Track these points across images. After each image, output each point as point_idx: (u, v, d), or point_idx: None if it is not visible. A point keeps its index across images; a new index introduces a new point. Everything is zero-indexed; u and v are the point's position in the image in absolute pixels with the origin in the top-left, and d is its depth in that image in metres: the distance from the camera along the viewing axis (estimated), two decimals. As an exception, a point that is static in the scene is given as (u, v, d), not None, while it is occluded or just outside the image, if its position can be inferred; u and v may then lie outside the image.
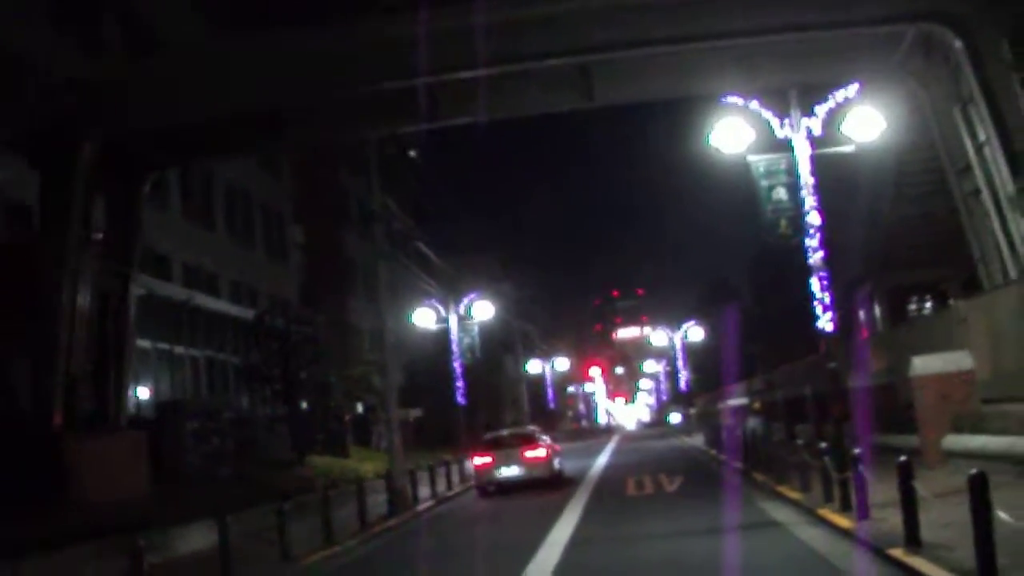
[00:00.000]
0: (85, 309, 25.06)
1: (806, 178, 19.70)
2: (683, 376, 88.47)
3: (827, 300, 20.16)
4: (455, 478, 40.23)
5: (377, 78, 23.88)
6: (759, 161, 20.17)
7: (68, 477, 23.10)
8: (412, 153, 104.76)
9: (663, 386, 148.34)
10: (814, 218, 19.71)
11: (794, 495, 22.38)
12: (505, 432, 42.46)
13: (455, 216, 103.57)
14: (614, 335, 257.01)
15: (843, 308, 30.55)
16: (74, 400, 24.68)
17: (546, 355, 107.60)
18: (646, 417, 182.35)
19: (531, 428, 45.06)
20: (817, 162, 19.86)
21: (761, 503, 23.01)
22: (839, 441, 19.41)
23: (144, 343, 36.01)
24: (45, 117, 23.83)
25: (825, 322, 20.49)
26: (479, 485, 36.53)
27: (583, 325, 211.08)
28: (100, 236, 26.60)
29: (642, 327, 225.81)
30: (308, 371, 39.54)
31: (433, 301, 51.33)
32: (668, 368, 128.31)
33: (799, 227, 19.87)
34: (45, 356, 24.00)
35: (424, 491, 34.43)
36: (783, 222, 19.99)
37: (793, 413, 43.35)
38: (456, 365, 48.03)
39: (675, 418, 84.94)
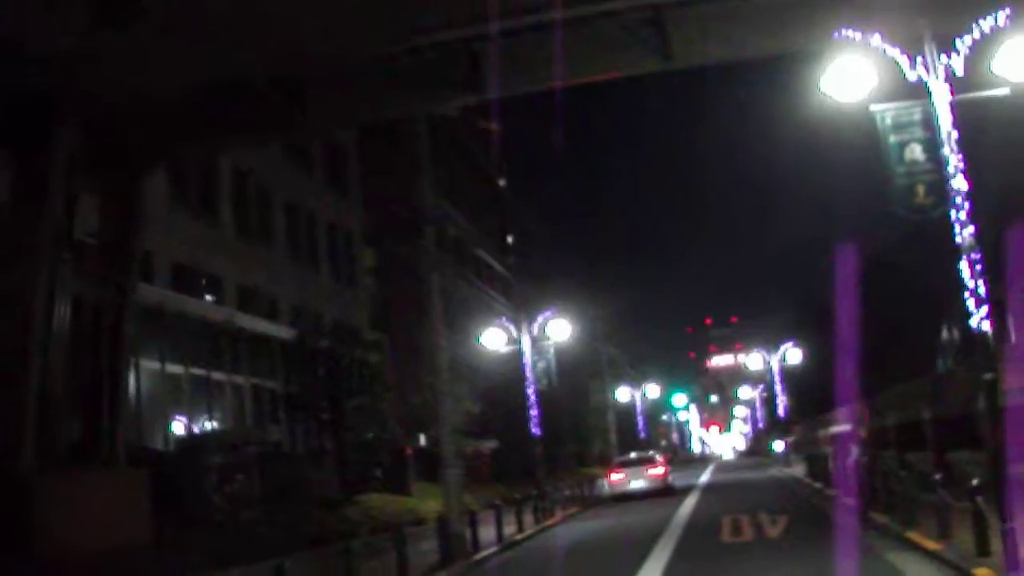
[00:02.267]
0: (65, 322, 21.04)
1: (947, 131, 15.13)
2: (781, 402, 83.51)
3: (982, 291, 15.27)
4: (528, 518, 35.93)
5: (417, 30, 19.47)
6: (886, 111, 15.51)
7: (36, 528, 18.97)
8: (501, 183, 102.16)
9: (759, 413, 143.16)
10: (960, 182, 15.06)
11: (930, 544, 17.80)
12: (633, 455, 59.02)
13: (535, 236, 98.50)
14: (708, 363, 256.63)
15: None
16: (53, 433, 20.62)
17: (635, 381, 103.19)
18: (741, 446, 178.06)
19: (652, 452, 63.23)
20: (959, 112, 15.28)
21: (887, 555, 18.39)
22: (999, 477, 14.60)
23: (175, 368, 32.31)
24: (11, 97, 19.87)
25: (979, 320, 15.44)
26: (614, 496, 51.37)
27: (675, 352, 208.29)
28: (90, 241, 22.83)
29: (735, 355, 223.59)
30: (360, 399, 35.19)
31: (504, 320, 47.14)
32: (764, 394, 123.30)
33: (942, 194, 15.21)
34: (11, 377, 19.89)
35: (489, 534, 30.10)
36: (920, 188, 15.31)
37: (905, 440, 38.56)
38: (530, 391, 43.71)
39: (778, 447, 79.85)
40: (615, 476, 52.72)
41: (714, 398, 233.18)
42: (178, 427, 31.88)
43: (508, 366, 49.28)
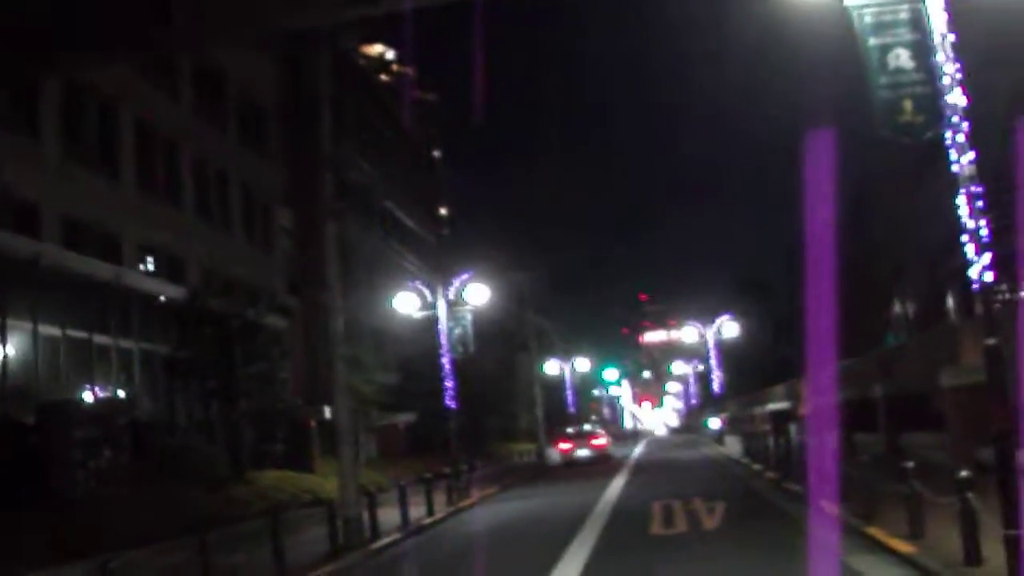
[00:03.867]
0: None
1: (941, 33, 12.06)
2: (716, 377, 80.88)
3: (984, 232, 12.04)
4: (441, 498, 32.83)
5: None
6: (865, 8, 12.42)
7: None
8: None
9: (692, 389, 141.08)
10: (957, 97, 11.96)
11: (899, 545, 14.88)
12: (579, 428, 71.28)
13: (468, 207, 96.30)
14: (641, 338, 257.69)
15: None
16: None
17: (565, 355, 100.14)
18: (674, 422, 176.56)
19: (596, 426, 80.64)
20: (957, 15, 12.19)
21: (849, 558, 15.38)
22: (1008, 468, 11.43)
23: (51, 330, 28.94)
24: None
25: (981, 268, 12.08)
26: (564, 462, 60.79)
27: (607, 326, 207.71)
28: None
29: (669, 331, 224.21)
30: (256, 366, 31.69)
31: (417, 283, 43.92)
32: (698, 370, 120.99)
33: (934, 111, 12.11)
34: None
35: (393, 517, 26.95)
36: (907, 104, 12.24)
37: (854, 420, 35.94)
38: (445, 361, 40.55)
39: (714, 424, 77.26)
40: (563, 445, 64.04)
41: (647, 374, 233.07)
42: (52, 397, 28.49)
43: (428, 334, 46.15)
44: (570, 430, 68.88)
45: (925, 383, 26.43)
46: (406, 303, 42.99)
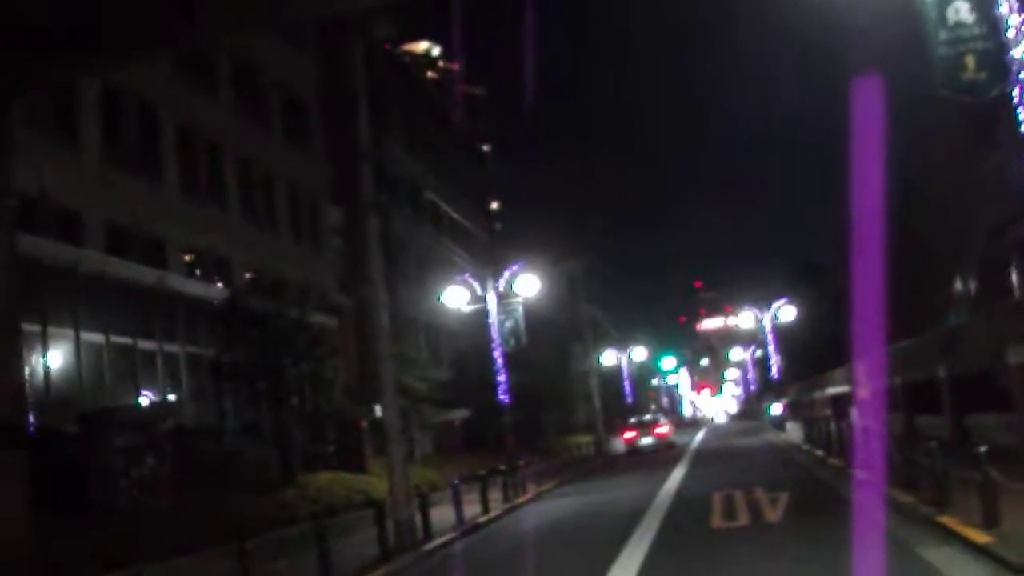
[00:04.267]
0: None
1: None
2: (774, 362, 79.78)
3: None
4: (496, 495, 32.13)
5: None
6: (923, -41, 11.63)
7: None
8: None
9: (751, 375, 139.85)
10: (1022, 52, 11.08)
11: (976, 536, 14.00)
12: (643, 418, 75.18)
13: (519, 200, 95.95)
14: (698, 326, 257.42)
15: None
16: None
17: (621, 344, 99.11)
18: (733, 409, 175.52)
19: (659, 415, 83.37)
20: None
21: (922, 550, 14.52)
22: None
23: (93, 336, 28.47)
24: None
25: None
26: (628, 451, 65.70)
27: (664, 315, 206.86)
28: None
29: (726, 317, 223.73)
30: (303, 366, 31.03)
31: (467, 276, 43.22)
32: (755, 356, 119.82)
33: (998, 67, 11.25)
34: None
35: (447, 517, 26.30)
36: (970, 60, 11.38)
37: (916, 402, 34.92)
38: (497, 355, 39.83)
39: (776, 409, 76.05)
40: (628, 435, 68.88)
41: (705, 361, 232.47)
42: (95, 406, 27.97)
43: (481, 329, 45.50)
44: (633, 420, 73.84)
45: (991, 362, 25.39)
46: (456, 297, 42.45)
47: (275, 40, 46.27)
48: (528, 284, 42.65)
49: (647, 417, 76.90)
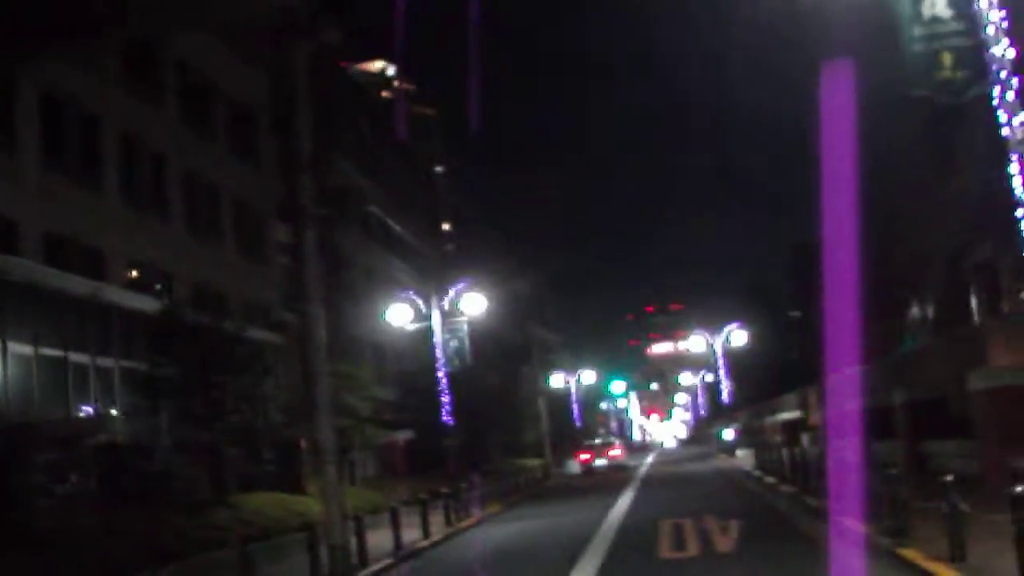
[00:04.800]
0: None
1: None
2: (725, 387, 79.16)
3: None
4: (439, 519, 31.15)
5: None
6: (896, -51, 10.81)
7: None
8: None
9: (700, 400, 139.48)
10: (1003, 49, 10.29)
11: (942, 571, 13.17)
12: (597, 441, 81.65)
13: (470, 222, 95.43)
14: (648, 350, 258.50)
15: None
16: None
17: (571, 367, 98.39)
18: (683, 434, 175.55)
19: (611, 438, 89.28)
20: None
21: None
22: None
23: (20, 348, 27.19)
24: None
25: None
26: (584, 472, 69.03)
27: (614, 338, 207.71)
28: None
29: (676, 342, 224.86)
30: (237, 382, 29.88)
31: (411, 293, 42.25)
32: (706, 381, 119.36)
33: (976, 65, 10.44)
34: None
35: (385, 541, 25.33)
36: (946, 57, 10.57)
37: (870, 428, 34.22)
38: (441, 375, 38.86)
39: (728, 434, 75.46)
40: (583, 456, 73.42)
41: (655, 385, 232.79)
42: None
43: (428, 348, 44.52)
44: (588, 443, 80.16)
45: (950, 388, 24.77)
46: (399, 315, 41.45)
47: (225, 52, 45.36)
48: (474, 303, 41.74)
49: (599, 441, 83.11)
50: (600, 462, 70.97)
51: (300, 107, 23.44)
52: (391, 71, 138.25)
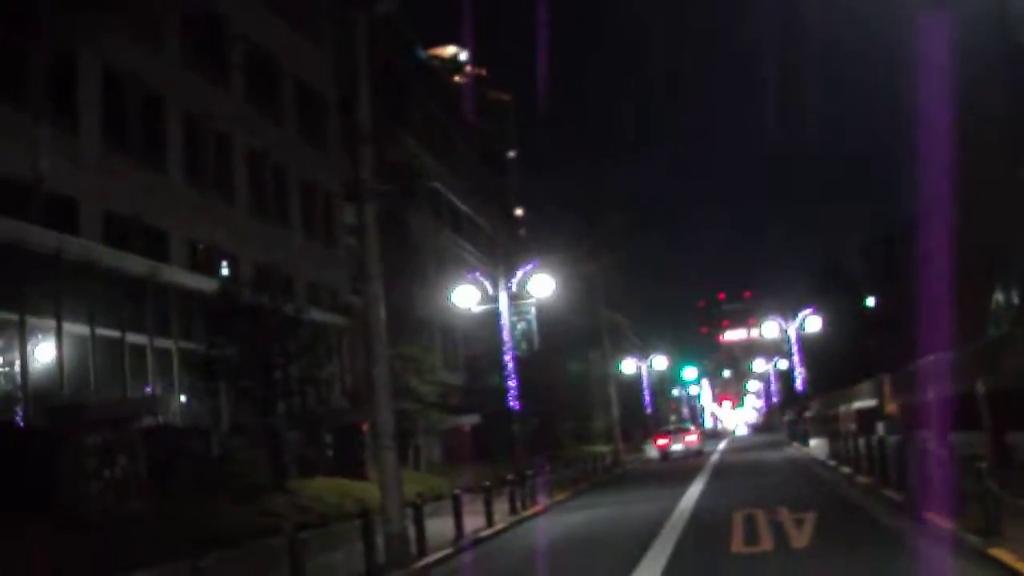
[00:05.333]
0: None
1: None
2: (799, 374, 77.55)
3: None
4: (504, 507, 30.31)
5: None
6: None
7: None
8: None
9: (773, 387, 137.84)
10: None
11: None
12: (673, 427, 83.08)
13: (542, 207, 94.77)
14: (720, 337, 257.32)
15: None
16: None
17: (642, 352, 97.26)
18: (755, 421, 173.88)
19: (688, 424, 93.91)
20: None
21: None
22: None
23: (76, 328, 26.62)
24: None
25: None
26: (662, 457, 70.53)
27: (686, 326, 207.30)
28: None
29: (749, 329, 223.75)
30: (297, 365, 29.15)
31: (477, 274, 41.35)
32: (779, 368, 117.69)
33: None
34: None
35: (446, 530, 24.52)
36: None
37: (951, 419, 32.97)
38: (508, 359, 37.96)
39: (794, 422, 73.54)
40: (661, 441, 74.38)
41: (727, 372, 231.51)
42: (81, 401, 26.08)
43: (495, 332, 43.65)
44: (666, 428, 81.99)
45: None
46: (466, 296, 40.56)
47: (290, 31, 44.80)
48: (542, 285, 40.73)
49: (680, 425, 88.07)
50: (677, 447, 72.02)
51: (361, 79, 22.64)
52: (464, 56, 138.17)
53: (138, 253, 30.36)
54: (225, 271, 37.05)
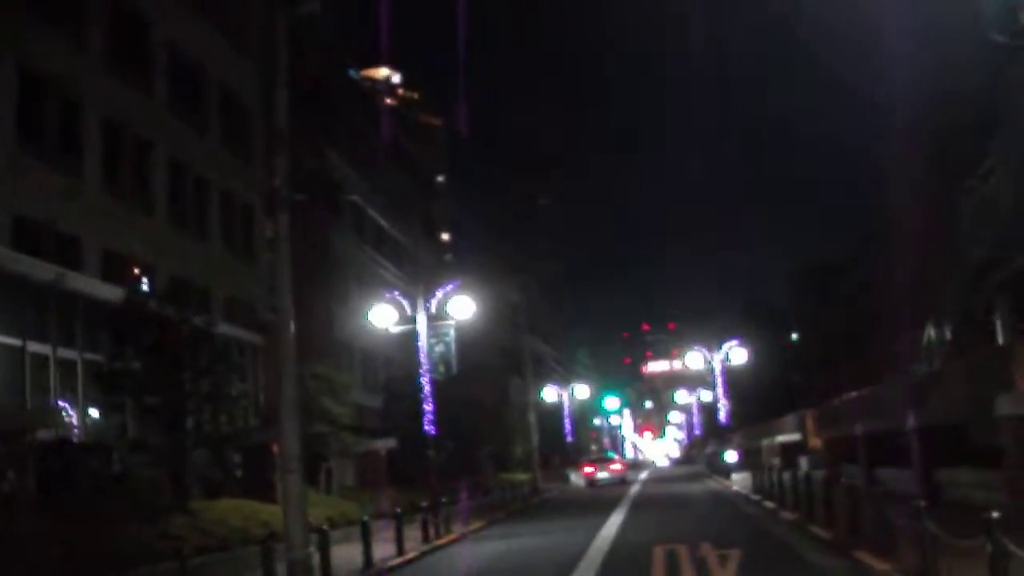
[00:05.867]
0: None
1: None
2: (723, 406, 76.77)
3: None
4: (416, 533, 29.28)
5: None
6: None
7: None
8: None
9: (695, 419, 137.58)
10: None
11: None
12: (598, 455, 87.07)
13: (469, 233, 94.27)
14: (644, 368, 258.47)
15: None
16: None
17: (564, 381, 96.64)
18: (676, 453, 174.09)
19: (612, 453, 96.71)
20: None
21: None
22: None
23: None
24: None
25: None
26: (588, 484, 72.79)
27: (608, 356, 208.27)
28: None
29: (672, 361, 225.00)
30: (207, 381, 27.77)
31: (396, 294, 40.26)
32: (701, 401, 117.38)
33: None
34: None
35: (354, 557, 23.46)
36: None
37: (877, 453, 32.47)
38: (425, 381, 36.91)
39: (731, 456, 71.50)
40: (587, 469, 77.20)
41: (649, 403, 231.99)
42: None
43: (414, 354, 42.47)
44: (594, 457, 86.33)
45: (970, 412, 22.91)
46: (383, 316, 39.42)
47: (218, 39, 43.62)
48: (463, 306, 39.59)
49: (605, 454, 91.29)
50: (603, 475, 75.21)
51: (279, 83, 21.60)
52: (396, 79, 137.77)
53: (51, 260, 29.05)
54: (145, 285, 35.60)
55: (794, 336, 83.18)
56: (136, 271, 35.94)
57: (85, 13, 34.34)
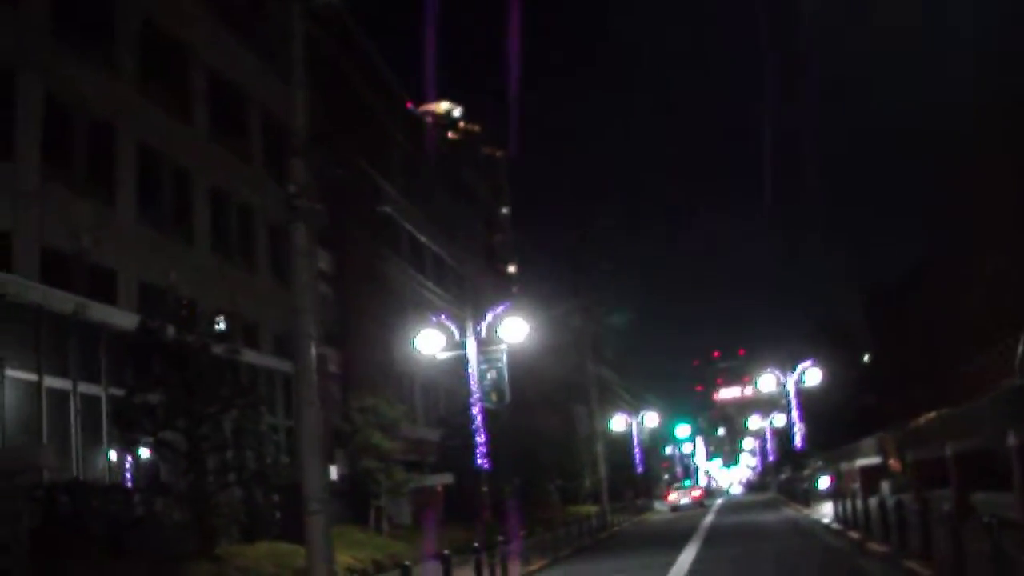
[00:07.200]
0: None
1: None
2: (799, 430, 73.61)
3: None
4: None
5: None
6: None
7: None
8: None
9: (770, 445, 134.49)
10: None
11: None
12: (677, 486, 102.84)
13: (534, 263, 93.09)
14: (715, 395, 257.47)
15: None
16: None
17: (632, 409, 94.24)
18: (749, 478, 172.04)
19: (692, 482, 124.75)
20: None
21: None
22: None
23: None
24: None
25: None
26: (672, 509, 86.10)
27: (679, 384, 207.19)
28: None
29: (743, 387, 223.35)
30: (232, 416, 25.51)
31: (443, 318, 37.94)
32: (774, 425, 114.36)
33: None
34: None
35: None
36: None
37: (968, 475, 29.72)
38: (476, 411, 34.59)
39: (824, 483, 67.03)
40: (672, 496, 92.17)
41: (721, 430, 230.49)
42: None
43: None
44: (675, 486, 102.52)
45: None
46: (429, 342, 37.09)
47: (258, 63, 41.73)
48: (514, 329, 36.78)
49: (683, 484, 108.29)
50: (685, 500, 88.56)
51: (295, 81, 19.51)
52: (457, 112, 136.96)
53: (82, 293, 27.18)
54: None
55: (865, 357, 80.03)
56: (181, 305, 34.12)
57: (115, 37, 32.68)
